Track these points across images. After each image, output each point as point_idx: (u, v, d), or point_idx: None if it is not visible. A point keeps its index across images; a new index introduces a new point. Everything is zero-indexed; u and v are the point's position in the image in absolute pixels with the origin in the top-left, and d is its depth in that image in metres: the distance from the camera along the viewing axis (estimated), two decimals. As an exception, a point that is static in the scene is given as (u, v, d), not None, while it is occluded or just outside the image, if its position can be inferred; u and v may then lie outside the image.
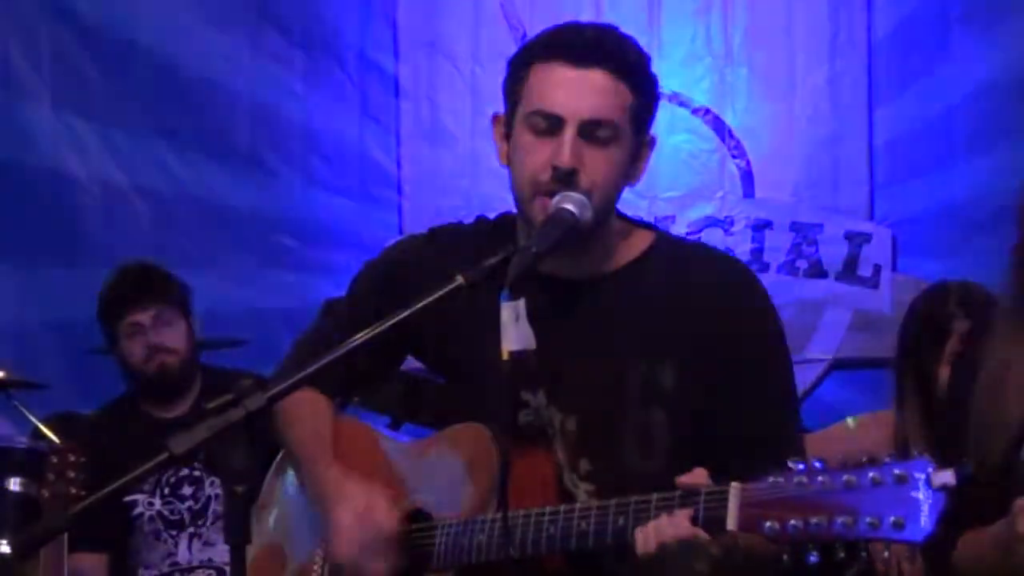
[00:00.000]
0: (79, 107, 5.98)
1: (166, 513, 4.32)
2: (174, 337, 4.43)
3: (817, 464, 2.02)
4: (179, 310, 4.48)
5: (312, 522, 2.68)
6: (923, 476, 1.92)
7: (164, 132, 5.99)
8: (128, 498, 4.28)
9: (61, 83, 5.98)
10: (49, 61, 5.98)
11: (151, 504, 4.31)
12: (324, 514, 2.57)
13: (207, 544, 4.33)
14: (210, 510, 4.34)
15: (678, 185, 5.80)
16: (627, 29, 2.51)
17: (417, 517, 2.58)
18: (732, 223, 5.82)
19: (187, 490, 4.32)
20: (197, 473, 4.35)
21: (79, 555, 4.23)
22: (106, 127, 5.97)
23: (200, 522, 4.29)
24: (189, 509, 4.31)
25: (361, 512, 2.51)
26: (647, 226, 2.65)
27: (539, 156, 2.44)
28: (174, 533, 4.31)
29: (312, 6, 6.09)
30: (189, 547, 4.31)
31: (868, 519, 1.94)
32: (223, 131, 6.03)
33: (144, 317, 4.41)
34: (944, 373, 3.70)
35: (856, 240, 5.76)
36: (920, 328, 3.80)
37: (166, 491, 4.31)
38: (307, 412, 2.70)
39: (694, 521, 2.17)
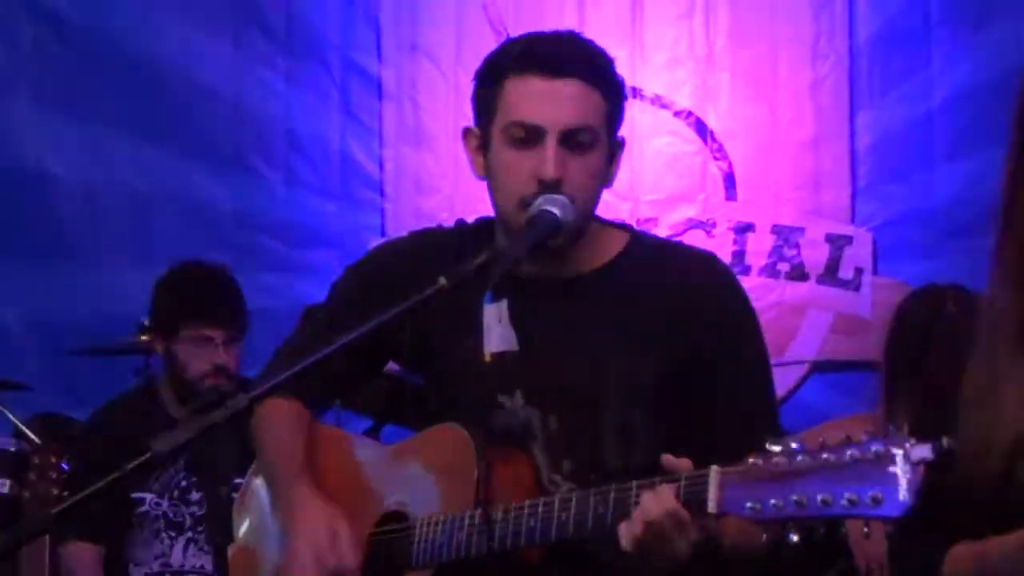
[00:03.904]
0: (60, 105, 5.96)
1: (171, 515, 4.28)
2: (236, 361, 4.34)
3: (795, 445, 2.03)
4: (243, 334, 4.39)
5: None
6: (900, 452, 1.93)
7: (145, 131, 5.97)
8: (135, 495, 4.25)
9: (42, 81, 5.97)
10: (29, 59, 5.97)
11: (158, 504, 4.28)
12: (285, 535, 2.55)
13: (202, 551, 4.30)
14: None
15: (660, 188, 5.79)
16: (610, 32, 2.54)
17: (393, 519, 2.58)
18: (714, 225, 5.83)
19: (195, 495, 4.28)
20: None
21: (74, 543, 4.23)
22: (87, 126, 5.95)
23: (200, 528, 4.26)
24: (192, 515, 4.27)
25: (322, 545, 2.48)
26: (621, 227, 2.67)
27: (522, 169, 2.46)
28: (173, 535, 4.28)
29: (295, 7, 6.08)
30: (184, 551, 4.28)
31: (847, 496, 1.95)
32: (205, 131, 6.02)
33: (218, 335, 4.30)
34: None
35: (837, 243, 5.77)
36: (918, 329, 3.75)
37: (175, 494, 4.28)
38: (281, 421, 2.68)
39: (676, 499, 2.17)
